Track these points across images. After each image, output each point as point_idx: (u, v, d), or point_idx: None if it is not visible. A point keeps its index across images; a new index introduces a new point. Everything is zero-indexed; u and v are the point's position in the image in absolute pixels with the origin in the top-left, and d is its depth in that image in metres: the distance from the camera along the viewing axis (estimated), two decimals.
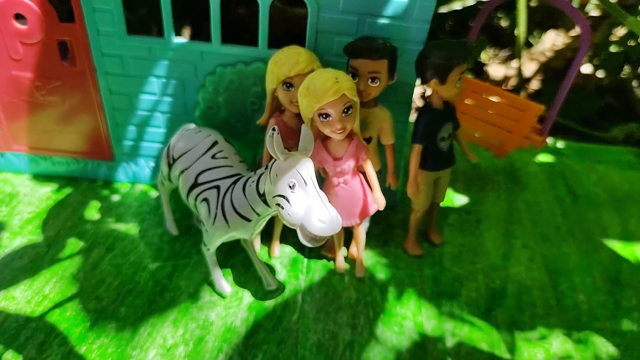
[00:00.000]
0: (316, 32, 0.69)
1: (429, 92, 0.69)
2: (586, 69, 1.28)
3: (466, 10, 1.28)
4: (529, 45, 1.45)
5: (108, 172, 0.88)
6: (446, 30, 1.42)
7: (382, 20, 0.68)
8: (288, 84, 0.65)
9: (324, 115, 0.61)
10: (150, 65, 0.74)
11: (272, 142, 0.56)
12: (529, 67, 1.24)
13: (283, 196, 0.57)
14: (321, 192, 0.59)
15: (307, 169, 0.58)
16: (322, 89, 0.59)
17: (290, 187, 0.57)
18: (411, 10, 0.67)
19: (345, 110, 0.61)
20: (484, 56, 1.44)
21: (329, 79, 0.59)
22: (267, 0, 0.67)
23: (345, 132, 0.63)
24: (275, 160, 0.58)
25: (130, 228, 0.81)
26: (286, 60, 0.64)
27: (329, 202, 0.69)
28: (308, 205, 0.57)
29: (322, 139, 0.66)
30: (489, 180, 0.99)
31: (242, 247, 0.75)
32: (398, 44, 0.69)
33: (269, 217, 0.65)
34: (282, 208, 0.57)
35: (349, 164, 0.66)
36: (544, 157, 1.07)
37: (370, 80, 0.65)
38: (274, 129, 0.56)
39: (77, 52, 0.73)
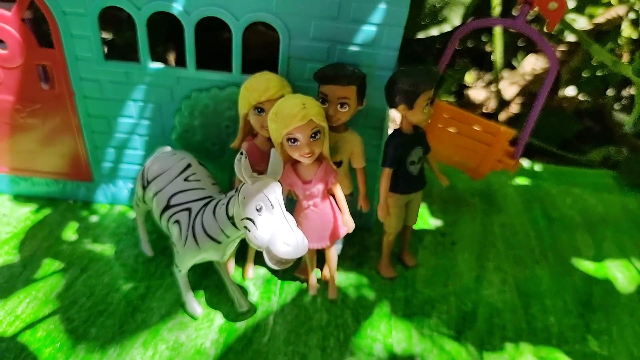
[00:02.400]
0: (288, 58, 0.71)
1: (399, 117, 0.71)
2: (570, 91, 1.31)
3: (449, 34, 1.30)
4: (512, 67, 1.48)
5: (87, 193, 0.89)
6: (433, 53, 1.45)
7: (352, 48, 0.70)
8: (259, 109, 0.67)
9: (292, 140, 0.62)
10: (128, 89, 0.76)
11: (240, 166, 0.57)
12: (510, 91, 1.26)
13: (250, 219, 0.58)
14: (288, 215, 0.60)
15: (274, 192, 0.59)
16: (289, 115, 0.61)
17: (257, 210, 0.58)
18: (380, 38, 0.69)
19: (313, 135, 0.62)
20: (468, 78, 1.47)
21: (296, 104, 0.61)
22: (240, 28, 0.69)
23: (313, 157, 0.64)
24: (244, 183, 0.59)
25: (106, 249, 0.81)
26: (257, 86, 0.66)
27: (300, 224, 0.71)
28: (274, 228, 0.58)
29: (292, 163, 0.68)
30: (465, 202, 1.00)
31: (216, 268, 0.76)
32: (367, 70, 0.71)
33: (239, 239, 0.66)
34: (249, 231, 0.59)
35: (318, 188, 0.67)
36: (521, 180, 1.09)
37: (339, 105, 0.67)
38: (241, 153, 0.57)
39: (56, 76, 0.75)
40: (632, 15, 1.18)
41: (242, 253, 0.79)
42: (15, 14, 0.71)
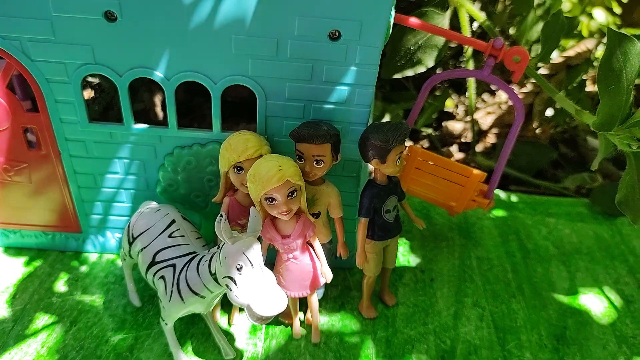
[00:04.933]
0: (265, 117, 0.74)
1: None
2: (549, 112, 1.34)
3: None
4: (492, 92, 1.52)
5: (76, 244, 0.91)
6: (415, 77, 1.49)
7: (326, 106, 0.73)
8: (238, 168, 0.70)
9: (270, 199, 0.65)
10: (112, 148, 0.78)
11: (220, 227, 0.60)
12: (487, 120, 1.30)
13: (231, 278, 0.61)
14: (268, 273, 0.63)
15: (254, 251, 0.62)
16: (266, 177, 0.64)
17: (237, 269, 0.61)
18: (352, 96, 0.72)
19: (290, 194, 0.65)
20: (449, 104, 1.51)
21: (273, 167, 0.64)
22: (218, 91, 0.72)
23: (290, 214, 0.67)
24: (225, 242, 0.62)
25: (95, 299, 0.84)
26: (236, 147, 0.69)
27: (281, 275, 0.74)
28: (254, 286, 0.61)
29: (272, 218, 0.71)
30: (443, 237, 1.03)
31: (202, 316, 0.79)
32: (342, 126, 0.74)
33: (223, 293, 0.68)
34: (230, 290, 0.62)
35: (297, 242, 0.70)
36: (497, 212, 1.12)
37: (315, 162, 0.70)
38: (221, 215, 0.60)
39: (42, 137, 0.78)
40: (601, 48, 1.23)
41: (227, 299, 0.81)
42: (0, 82, 0.73)
